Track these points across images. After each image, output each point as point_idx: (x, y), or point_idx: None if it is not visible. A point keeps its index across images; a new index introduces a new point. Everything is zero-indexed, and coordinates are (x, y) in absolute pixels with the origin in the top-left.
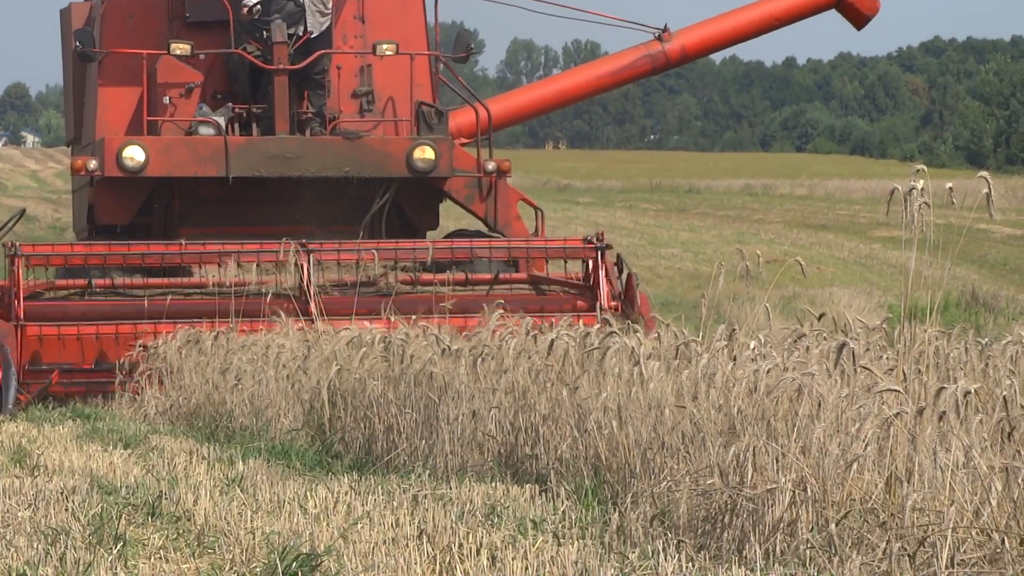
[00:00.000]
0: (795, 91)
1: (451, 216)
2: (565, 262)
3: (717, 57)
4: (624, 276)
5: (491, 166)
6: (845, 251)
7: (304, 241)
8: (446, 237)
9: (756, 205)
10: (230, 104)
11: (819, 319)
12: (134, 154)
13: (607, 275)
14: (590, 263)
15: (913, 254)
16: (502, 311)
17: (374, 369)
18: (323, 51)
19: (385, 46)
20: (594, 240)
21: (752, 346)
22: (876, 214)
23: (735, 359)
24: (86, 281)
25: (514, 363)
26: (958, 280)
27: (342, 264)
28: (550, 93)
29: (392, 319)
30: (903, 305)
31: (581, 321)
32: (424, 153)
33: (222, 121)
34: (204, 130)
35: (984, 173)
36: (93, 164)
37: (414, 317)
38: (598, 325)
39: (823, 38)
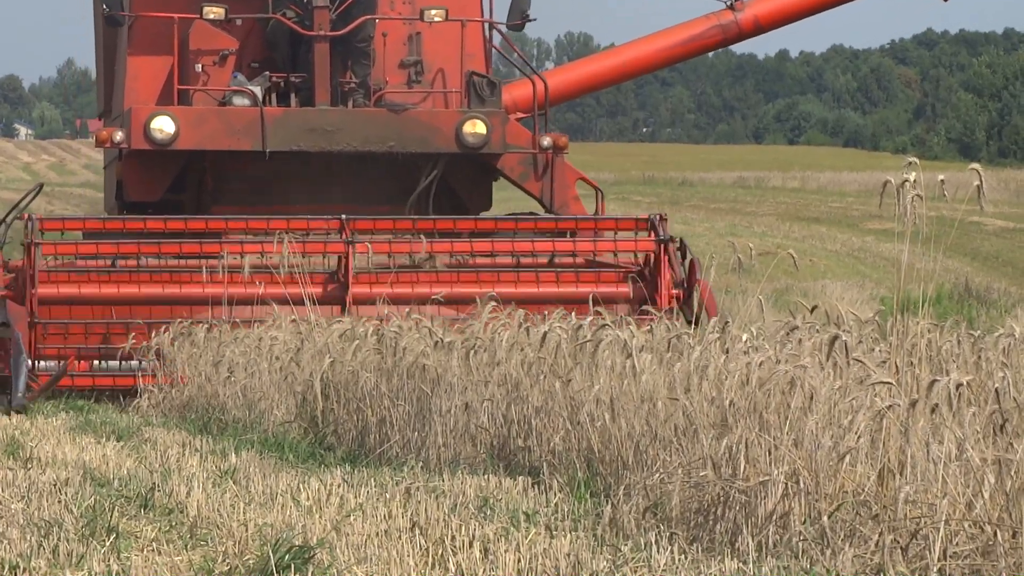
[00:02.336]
0: (788, 84)
1: (509, 196)
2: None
3: None
4: (687, 262)
5: (546, 142)
6: (838, 244)
7: (345, 217)
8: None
9: (749, 198)
10: (267, 73)
11: (812, 311)
12: (163, 125)
13: (669, 261)
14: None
15: (906, 246)
16: (494, 303)
17: (367, 361)
18: (367, 16)
19: (434, 12)
20: (654, 222)
21: (744, 339)
22: (869, 207)
23: (728, 352)
24: (109, 262)
25: (507, 355)
26: (951, 273)
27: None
28: (613, 65)
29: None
30: (895, 298)
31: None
32: (475, 127)
33: (258, 91)
34: (239, 100)
35: (975, 165)
36: (119, 136)
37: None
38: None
39: (815, 31)
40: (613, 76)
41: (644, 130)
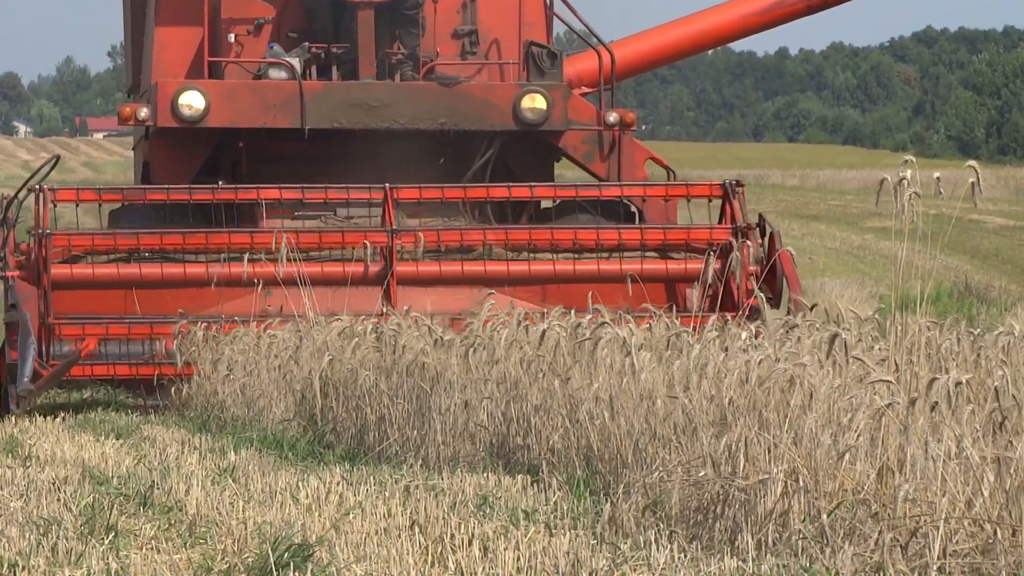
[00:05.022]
0: (787, 81)
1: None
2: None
3: None
4: (767, 238)
5: (612, 118)
6: (837, 241)
7: (388, 186)
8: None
9: (748, 195)
10: (306, 43)
11: (811, 309)
12: (192, 100)
13: (747, 239)
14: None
15: (903, 244)
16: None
17: (366, 359)
18: None
19: None
20: (728, 187)
21: (744, 336)
22: (868, 204)
23: (727, 350)
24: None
25: (506, 354)
26: (950, 271)
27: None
28: (687, 35)
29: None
30: (894, 295)
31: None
32: (533, 102)
33: (297, 63)
34: (275, 73)
35: (972, 162)
36: (144, 112)
37: None
38: None
39: (815, 29)
40: (687, 47)
41: (643, 127)
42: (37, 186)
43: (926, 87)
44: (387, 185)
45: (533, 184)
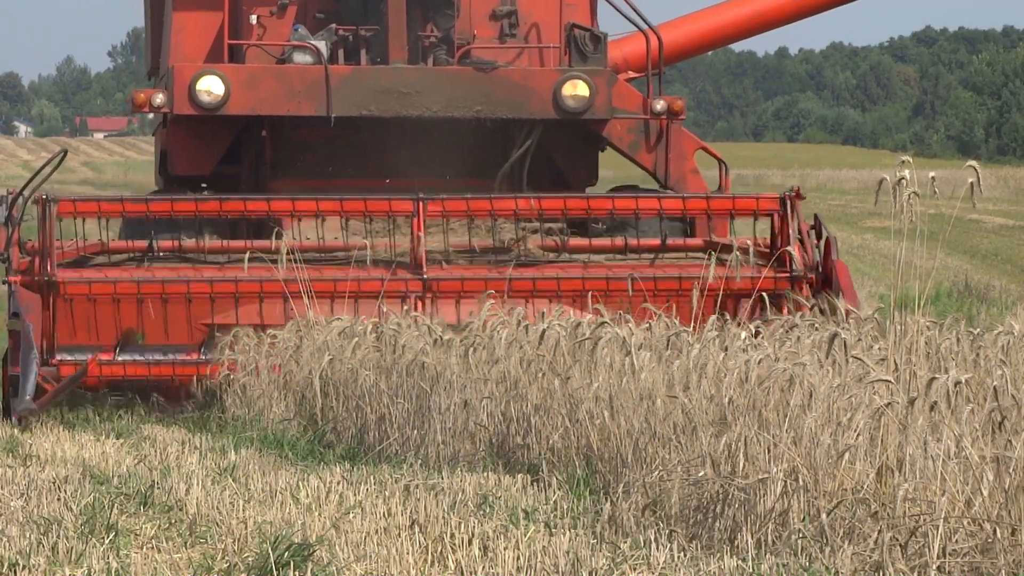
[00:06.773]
0: (787, 81)
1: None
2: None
3: None
4: (823, 242)
5: (659, 106)
6: (836, 241)
7: (421, 196)
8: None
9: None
10: (333, 25)
11: (811, 309)
12: (211, 86)
13: (801, 240)
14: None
15: (903, 244)
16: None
17: (366, 359)
18: None
19: None
20: (785, 196)
21: (744, 336)
22: (867, 204)
23: (726, 349)
24: (146, 244)
25: (505, 353)
26: (950, 270)
27: (473, 225)
28: (744, 16)
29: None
30: (893, 295)
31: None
32: (576, 89)
33: (323, 46)
34: (300, 57)
35: (972, 162)
36: (160, 99)
37: None
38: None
39: (815, 28)
40: (741, 29)
41: None
42: (45, 195)
43: (926, 87)
44: (419, 195)
45: (567, 195)
